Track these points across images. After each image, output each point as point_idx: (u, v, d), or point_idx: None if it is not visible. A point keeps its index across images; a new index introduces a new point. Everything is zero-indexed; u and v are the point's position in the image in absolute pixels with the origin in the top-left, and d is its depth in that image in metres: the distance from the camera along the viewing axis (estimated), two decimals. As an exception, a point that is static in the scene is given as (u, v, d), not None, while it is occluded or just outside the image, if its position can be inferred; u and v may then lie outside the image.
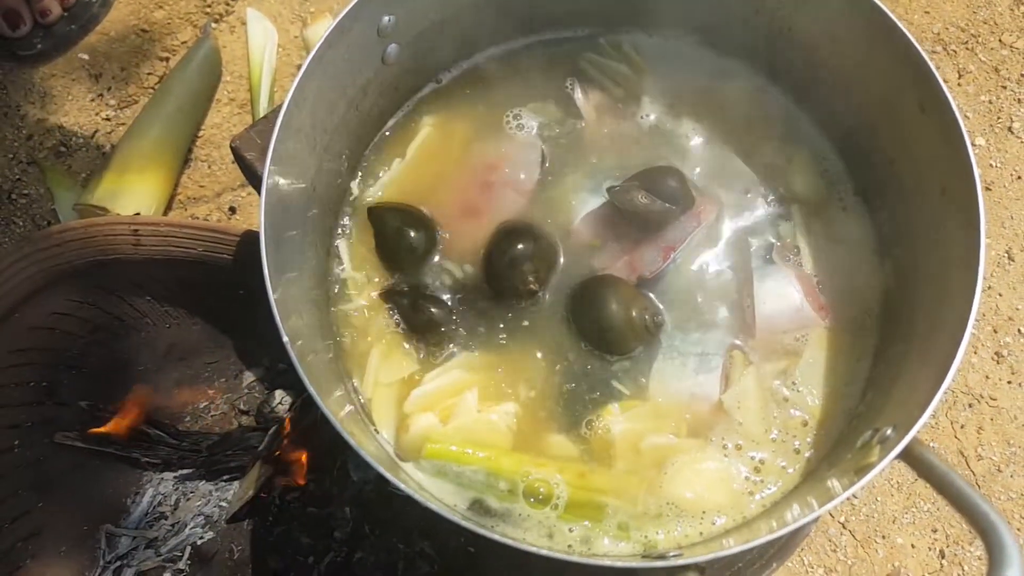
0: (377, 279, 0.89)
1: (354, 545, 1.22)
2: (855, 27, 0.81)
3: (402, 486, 0.64)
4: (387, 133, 0.95)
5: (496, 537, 0.68)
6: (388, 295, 0.88)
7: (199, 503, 1.31)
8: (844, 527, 1.33)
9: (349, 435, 0.64)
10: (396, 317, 0.87)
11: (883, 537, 1.32)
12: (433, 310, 0.86)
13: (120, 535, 1.26)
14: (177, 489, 1.32)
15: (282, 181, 0.74)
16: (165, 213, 1.54)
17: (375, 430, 0.84)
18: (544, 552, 0.67)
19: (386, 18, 0.81)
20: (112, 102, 1.63)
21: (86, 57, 1.66)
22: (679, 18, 0.94)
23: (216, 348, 1.34)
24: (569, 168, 0.94)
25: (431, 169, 0.93)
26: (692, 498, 0.80)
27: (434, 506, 0.66)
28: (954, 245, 0.74)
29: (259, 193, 0.71)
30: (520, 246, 0.86)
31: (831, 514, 1.33)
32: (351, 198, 0.92)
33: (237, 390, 1.37)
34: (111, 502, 1.27)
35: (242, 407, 1.36)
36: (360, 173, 0.93)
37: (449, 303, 0.88)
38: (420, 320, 0.86)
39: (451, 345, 0.86)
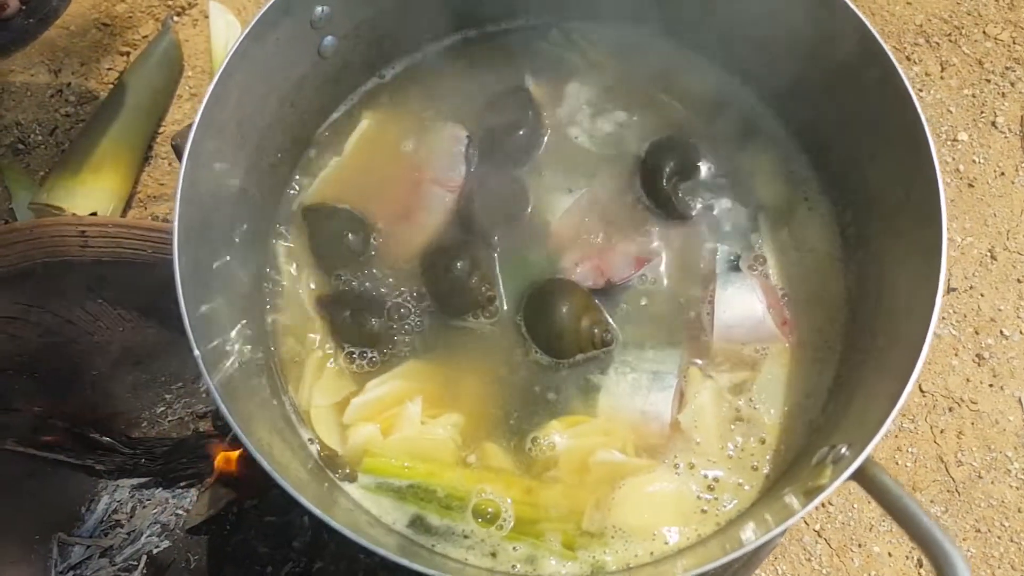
0: (315, 285, 0.85)
1: (313, 555, 1.19)
2: (811, 16, 0.77)
3: (319, 512, 0.60)
4: (327, 130, 0.90)
5: (431, 573, 0.64)
6: (326, 303, 0.84)
7: (155, 511, 1.28)
8: (819, 535, 1.29)
9: (271, 465, 0.60)
10: (333, 327, 0.83)
11: (859, 546, 1.28)
12: (373, 321, 0.82)
13: (73, 544, 1.23)
14: (133, 497, 1.28)
15: (204, 182, 0.70)
16: (124, 212, 1.50)
17: (309, 439, 0.79)
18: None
19: (319, 9, 0.76)
20: (72, 98, 1.59)
21: (45, 52, 1.62)
22: (633, 6, 0.89)
23: (172, 352, 1.30)
24: (522, 165, 0.89)
25: (369, 168, 0.89)
26: (641, 523, 0.76)
27: (363, 540, 0.62)
28: (916, 251, 0.70)
29: (178, 196, 0.67)
30: (459, 263, 0.82)
31: (806, 522, 1.29)
32: (290, 199, 0.87)
33: (194, 395, 1.33)
34: (64, 510, 1.24)
35: (199, 412, 1.33)
36: (298, 172, 0.88)
37: (390, 310, 0.83)
38: (360, 333, 0.82)
39: (392, 355, 0.82)
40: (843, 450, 0.64)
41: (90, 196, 1.44)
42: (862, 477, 0.60)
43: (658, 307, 0.85)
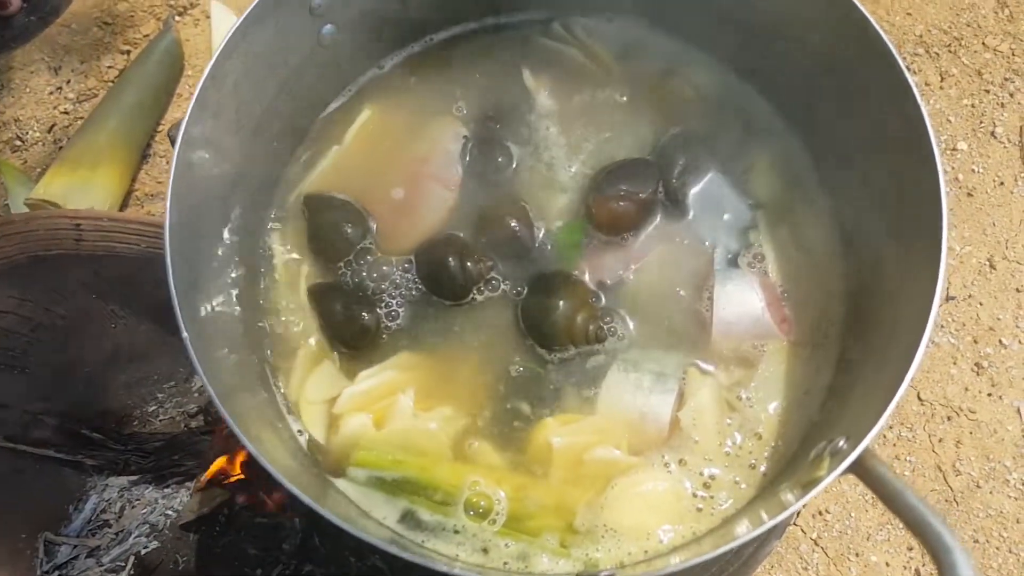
0: (308, 276, 0.84)
1: (304, 558, 1.17)
2: (816, 13, 0.77)
3: (310, 502, 0.58)
4: (326, 118, 0.90)
5: (422, 561, 0.63)
6: (319, 295, 0.83)
7: (144, 511, 1.26)
8: (816, 544, 1.27)
9: (262, 455, 0.59)
10: (326, 320, 0.82)
11: (856, 555, 1.26)
12: (365, 313, 0.81)
13: (60, 543, 1.21)
14: (122, 496, 1.27)
15: (198, 165, 0.69)
16: (120, 210, 1.49)
17: (299, 431, 0.78)
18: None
19: (319, -4, 0.76)
20: (71, 95, 1.59)
21: (46, 49, 1.62)
22: (636, 1, 0.89)
23: (165, 350, 1.29)
24: (521, 160, 0.89)
25: (369, 159, 0.88)
26: (635, 523, 0.75)
27: (354, 530, 0.61)
28: (916, 246, 0.70)
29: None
30: (458, 251, 0.82)
31: (803, 530, 1.28)
32: (286, 187, 0.87)
33: (187, 394, 1.32)
34: (52, 509, 1.23)
35: (191, 411, 1.31)
36: (297, 160, 0.88)
37: (384, 301, 0.82)
38: (352, 324, 0.81)
39: (384, 346, 0.81)
40: (841, 443, 0.63)
41: (87, 193, 1.43)
42: (860, 469, 0.59)
43: (658, 304, 0.84)
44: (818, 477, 0.61)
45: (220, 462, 1.19)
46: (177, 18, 1.63)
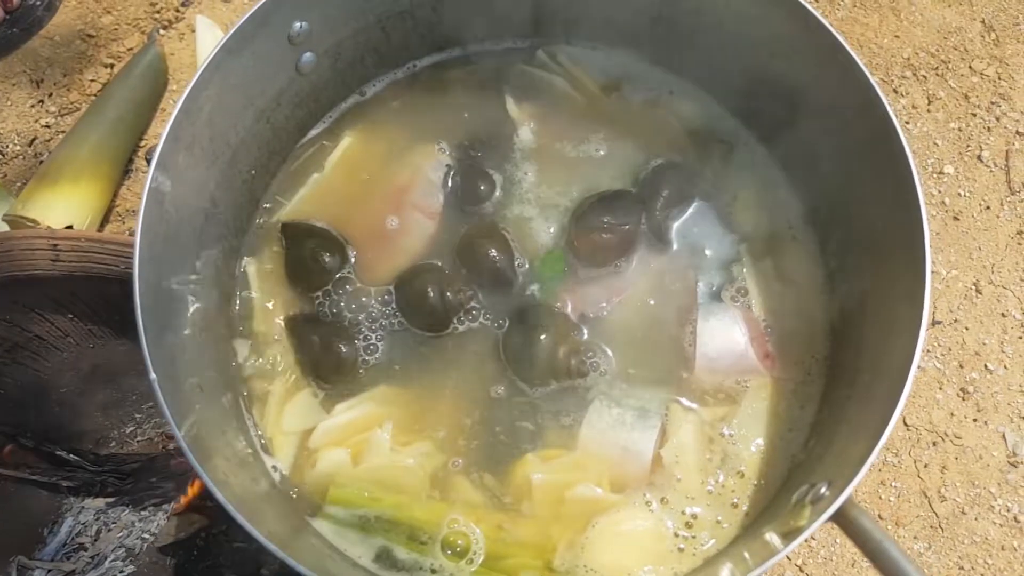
0: (285, 306, 0.83)
1: (283, 584, 1.15)
2: (800, 48, 0.76)
3: (273, 548, 0.57)
4: (305, 146, 0.88)
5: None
6: (296, 327, 0.81)
7: (121, 534, 1.24)
8: (801, 570, 1.26)
9: (227, 498, 0.57)
10: (303, 352, 0.80)
11: (842, 582, 1.26)
12: (343, 348, 0.79)
13: (34, 568, 1.19)
14: (98, 519, 1.24)
15: (171, 197, 0.68)
16: (102, 226, 1.47)
17: (273, 467, 0.77)
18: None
19: (298, 24, 0.75)
20: (52, 109, 1.56)
21: (28, 62, 1.59)
22: (620, 32, 0.88)
23: (144, 370, 1.27)
24: (504, 189, 0.88)
25: (349, 187, 0.87)
26: (615, 563, 0.73)
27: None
28: (900, 281, 0.69)
29: (142, 211, 0.65)
30: (438, 282, 0.81)
31: (788, 557, 1.27)
32: (264, 215, 0.85)
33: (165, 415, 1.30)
34: (26, 531, 1.20)
35: (170, 432, 1.29)
36: (273, 189, 0.86)
37: (363, 333, 0.81)
38: (329, 361, 0.80)
39: (362, 379, 0.80)
40: (823, 489, 0.62)
41: (67, 209, 1.41)
42: (842, 519, 0.58)
43: (641, 338, 0.83)
44: (799, 527, 0.59)
45: (195, 487, 1.17)
46: (161, 32, 1.61)
